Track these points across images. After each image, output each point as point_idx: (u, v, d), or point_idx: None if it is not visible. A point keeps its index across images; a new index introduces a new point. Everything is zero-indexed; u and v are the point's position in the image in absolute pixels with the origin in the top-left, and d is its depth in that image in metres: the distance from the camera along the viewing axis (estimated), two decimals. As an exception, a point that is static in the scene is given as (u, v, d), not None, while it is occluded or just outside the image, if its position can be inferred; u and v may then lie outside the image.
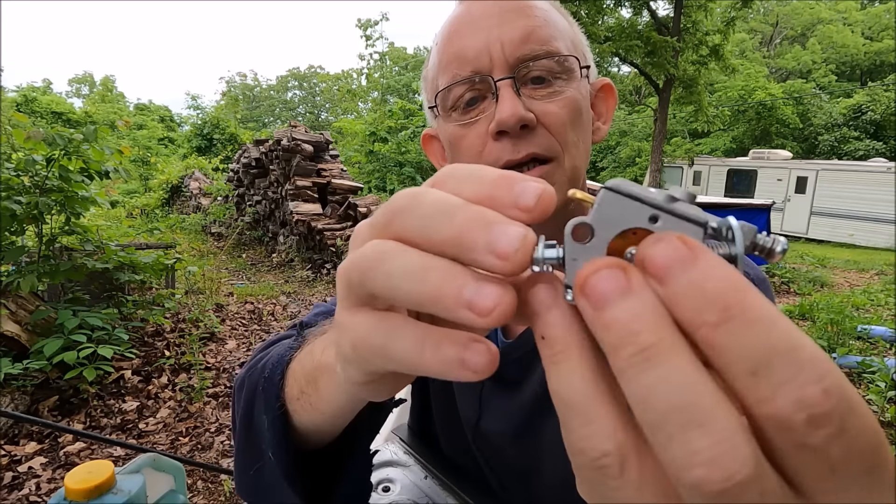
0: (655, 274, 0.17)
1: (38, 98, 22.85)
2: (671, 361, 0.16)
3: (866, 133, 19.42)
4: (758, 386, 0.15)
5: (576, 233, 0.19)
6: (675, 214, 0.18)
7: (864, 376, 3.66)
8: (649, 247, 0.17)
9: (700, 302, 0.16)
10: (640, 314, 0.17)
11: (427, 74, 0.66)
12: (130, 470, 0.65)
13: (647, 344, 0.16)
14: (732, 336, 0.15)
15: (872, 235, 12.12)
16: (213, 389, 3.33)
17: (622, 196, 0.18)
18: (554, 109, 0.57)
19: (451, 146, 0.63)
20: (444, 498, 0.72)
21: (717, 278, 0.16)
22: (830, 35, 28.50)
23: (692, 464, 0.15)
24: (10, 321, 2.97)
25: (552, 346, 0.19)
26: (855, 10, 31.12)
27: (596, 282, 0.17)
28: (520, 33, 0.57)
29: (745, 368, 0.15)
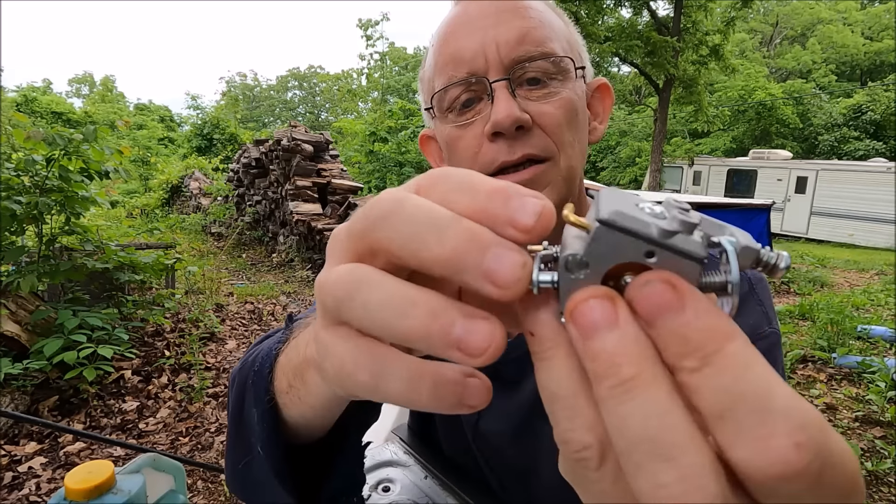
0: (643, 316, 0.17)
1: (38, 98, 22.85)
2: (647, 394, 0.16)
3: (866, 133, 19.43)
4: (725, 430, 0.16)
5: (570, 266, 0.19)
6: (672, 250, 0.18)
7: (864, 376, 3.66)
8: (638, 289, 0.18)
9: (682, 348, 0.17)
10: (623, 347, 0.17)
11: (423, 75, 0.67)
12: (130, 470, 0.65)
13: (627, 376, 0.17)
14: (706, 381, 0.16)
15: (872, 235, 12.12)
16: (213, 389, 3.33)
17: (616, 232, 0.18)
18: (549, 110, 0.57)
19: (448, 147, 0.63)
20: (444, 498, 0.72)
21: (699, 328, 0.17)
22: (830, 35, 28.50)
23: (657, 496, 0.16)
24: (10, 321, 2.97)
25: (541, 342, 0.20)
26: (855, 10, 31.12)
27: (585, 311, 0.18)
28: (515, 34, 0.57)
29: (714, 412, 0.16)
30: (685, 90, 13.63)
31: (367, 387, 0.23)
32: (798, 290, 6.74)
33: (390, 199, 0.21)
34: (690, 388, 0.16)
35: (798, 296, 6.41)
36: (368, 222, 0.22)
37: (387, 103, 19.47)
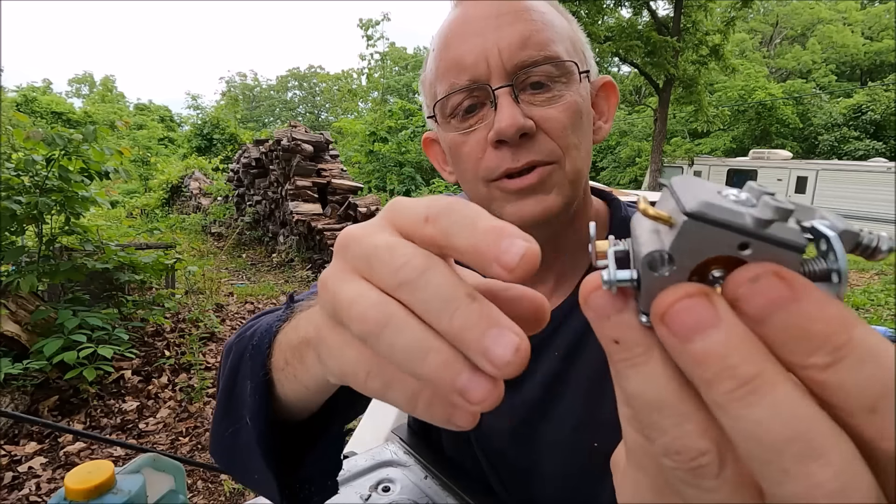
0: (752, 316, 0.16)
1: (38, 98, 22.85)
2: (778, 393, 0.15)
3: (866, 133, 19.43)
4: (879, 423, 0.15)
5: (654, 264, 0.17)
6: (771, 241, 0.16)
7: (864, 376, 3.66)
8: (743, 286, 0.16)
9: (806, 345, 0.15)
10: (734, 346, 0.15)
11: (425, 79, 0.66)
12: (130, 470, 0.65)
13: (748, 376, 0.15)
14: (845, 375, 0.15)
15: (872, 235, 12.12)
16: (213, 389, 3.33)
17: (707, 225, 0.16)
18: (554, 114, 0.56)
19: (452, 153, 0.63)
20: (444, 498, 0.72)
21: (823, 319, 0.15)
22: (830, 35, 28.50)
23: (813, 497, 0.14)
24: (10, 321, 2.97)
25: (630, 348, 0.18)
26: (855, 10, 31.13)
27: (679, 312, 0.16)
28: (517, 38, 0.56)
29: (863, 406, 0.15)
30: (685, 90, 13.63)
31: (375, 392, 0.26)
32: (798, 290, 6.74)
33: (414, 263, 0.22)
34: (825, 385, 0.15)
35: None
36: (389, 271, 0.23)
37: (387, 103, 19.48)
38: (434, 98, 0.62)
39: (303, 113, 48.83)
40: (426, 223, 0.23)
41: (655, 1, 13.96)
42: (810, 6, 31.23)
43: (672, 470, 0.17)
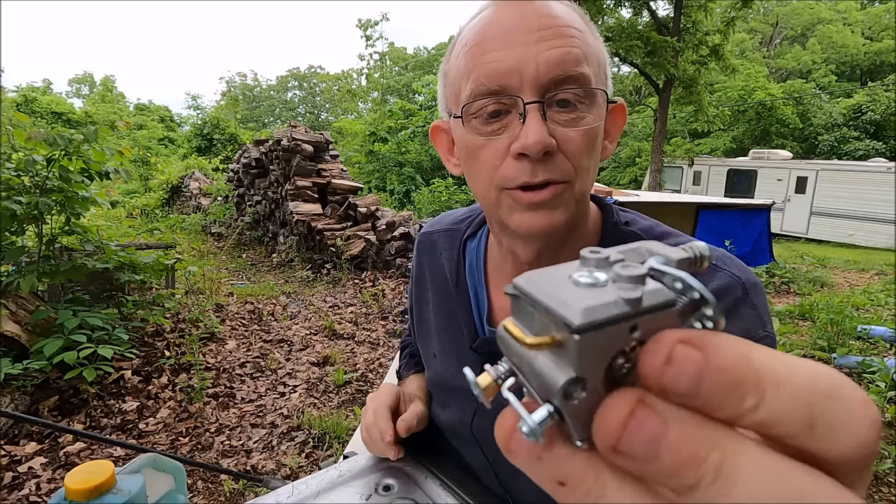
0: (683, 394, 0.15)
1: (38, 98, 22.85)
2: (749, 461, 0.14)
3: (866, 133, 19.43)
4: (817, 434, 0.15)
5: (569, 393, 0.16)
6: (652, 311, 0.16)
7: (864, 376, 3.66)
8: (662, 373, 0.15)
9: (734, 397, 0.15)
10: (691, 440, 0.15)
11: (448, 70, 0.65)
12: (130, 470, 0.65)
13: (718, 462, 0.14)
14: (775, 408, 0.15)
15: (872, 235, 12.11)
16: (213, 389, 3.33)
17: (599, 330, 0.15)
18: (575, 137, 0.57)
19: (468, 152, 0.63)
20: (444, 498, 0.72)
21: (734, 364, 0.15)
22: (830, 35, 28.50)
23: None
24: (10, 321, 2.97)
25: (580, 483, 0.16)
26: (855, 10, 31.12)
27: (632, 435, 0.15)
28: (557, 55, 0.56)
29: (802, 426, 0.15)
30: (685, 90, 13.63)
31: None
32: (798, 290, 6.74)
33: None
34: (763, 423, 0.15)
35: (798, 296, 6.41)
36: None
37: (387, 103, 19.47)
38: (457, 92, 0.62)
39: (303, 113, 48.82)
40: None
41: (655, 1, 13.96)
42: (810, 6, 31.22)
43: None
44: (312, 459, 2.68)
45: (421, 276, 0.87)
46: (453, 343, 0.78)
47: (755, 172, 14.35)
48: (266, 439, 2.86)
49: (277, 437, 2.88)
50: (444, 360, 0.80)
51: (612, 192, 6.10)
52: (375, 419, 0.78)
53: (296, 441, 2.84)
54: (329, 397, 3.39)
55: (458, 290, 0.78)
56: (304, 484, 0.74)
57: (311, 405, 3.25)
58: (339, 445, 2.77)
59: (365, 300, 5.45)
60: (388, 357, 4.04)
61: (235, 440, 2.83)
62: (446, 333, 0.80)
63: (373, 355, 4.09)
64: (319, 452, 2.74)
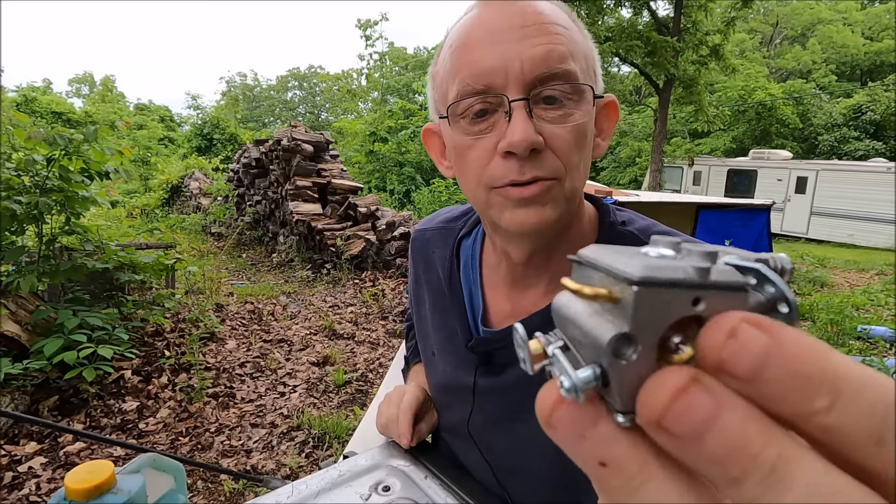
0: (743, 377, 0.14)
1: (38, 98, 22.85)
2: (805, 470, 0.13)
3: (866, 133, 19.42)
4: (887, 453, 0.13)
5: (618, 351, 0.15)
6: (720, 287, 0.15)
7: (864, 376, 3.66)
8: (724, 347, 0.14)
9: (805, 392, 0.14)
10: (745, 431, 0.14)
11: (436, 73, 0.66)
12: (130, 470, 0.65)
13: (772, 462, 0.13)
14: (848, 414, 0.13)
15: (872, 235, 12.11)
16: (213, 389, 3.33)
17: (660, 288, 0.15)
18: (562, 134, 0.57)
19: (457, 153, 0.63)
20: (444, 498, 0.72)
21: (809, 358, 0.14)
22: (830, 35, 28.49)
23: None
24: (10, 321, 2.97)
25: (623, 468, 0.15)
26: (855, 10, 31.12)
27: (680, 412, 0.14)
28: (541, 52, 0.56)
29: (870, 440, 0.13)
30: (685, 90, 13.63)
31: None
32: (798, 290, 6.74)
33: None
34: (831, 429, 0.14)
35: (798, 296, 6.41)
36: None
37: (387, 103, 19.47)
38: (445, 94, 0.62)
39: (303, 113, 48.82)
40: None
41: (655, 1, 13.96)
42: (810, 6, 31.21)
43: None
44: (312, 459, 2.68)
45: (416, 274, 0.87)
46: (449, 342, 0.78)
47: (755, 172, 14.35)
48: (266, 439, 2.86)
49: (277, 437, 2.88)
50: (441, 358, 0.81)
51: (612, 192, 6.10)
52: (399, 417, 0.82)
53: (296, 441, 2.84)
54: (329, 397, 3.39)
55: (452, 289, 0.78)
56: (304, 484, 0.74)
57: (311, 405, 3.25)
58: (339, 445, 2.77)
59: (365, 300, 5.45)
60: (389, 357, 4.04)
61: (235, 440, 2.83)
62: (443, 332, 0.80)
63: (373, 355, 4.09)
64: (319, 452, 2.74)
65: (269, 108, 48.84)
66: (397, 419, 0.81)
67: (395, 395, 0.87)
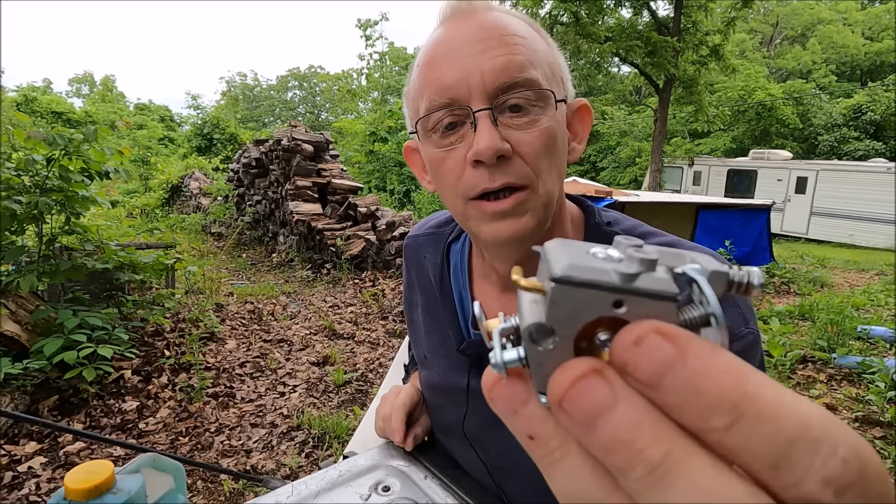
0: (643, 382, 0.15)
1: (38, 98, 22.85)
2: (691, 470, 0.14)
3: (866, 133, 19.42)
4: (782, 477, 0.14)
5: (534, 337, 0.16)
6: (640, 294, 0.16)
7: (864, 376, 3.66)
8: (627, 350, 0.15)
9: (703, 407, 0.14)
10: (638, 427, 0.14)
11: (408, 92, 0.68)
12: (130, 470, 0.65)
13: (657, 459, 0.14)
14: (746, 437, 0.14)
15: (872, 236, 12.11)
16: (213, 389, 3.33)
17: (577, 288, 0.16)
18: (529, 140, 0.58)
19: (432, 167, 0.65)
20: (444, 498, 0.72)
21: (713, 376, 0.14)
22: (830, 35, 28.49)
23: None
24: (10, 321, 2.97)
25: (546, 442, 0.17)
26: (855, 10, 31.11)
27: (576, 396, 0.15)
28: (500, 63, 0.57)
29: (767, 464, 0.14)
30: (685, 90, 13.63)
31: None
32: (798, 290, 6.74)
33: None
34: (729, 448, 0.14)
35: (798, 296, 6.41)
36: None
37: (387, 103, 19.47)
38: (417, 112, 0.64)
39: (303, 113, 48.81)
40: None
41: (655, 1, 13.96)
42: (810, 6, 31.21)
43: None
44: (312, 459, 2.68)
45: (409, 279, 0.89)
46: (442, 346, 0.79)
47: (755, 172, 14.35)
48: (266, 439, 2.86)
49: (277, 436, 2.88)
50: (434, 361, 0.81)
51: (612, 193, 6.10)
52: (393, 417, 0.82)
53: (296, 441, 2.84)
54: (329, 397, 3.39)
55: (443, 293, 0.79)
56: (304, 484, 0.74)
57: (311, 405, 3.25)
58: (339, 445, 2.77)
59: (365, 300, 5.45)
60: (388, 357, 4.04)
61: (235, 440, 2.83)
62: (435, 336, 0.81)
63: (373, 355, 4.09)
64: (319, 452, 2.74)
65: (269, 108, 48.84)
66: (390, 417, 0.82)
67: (391, 394, 0.87)
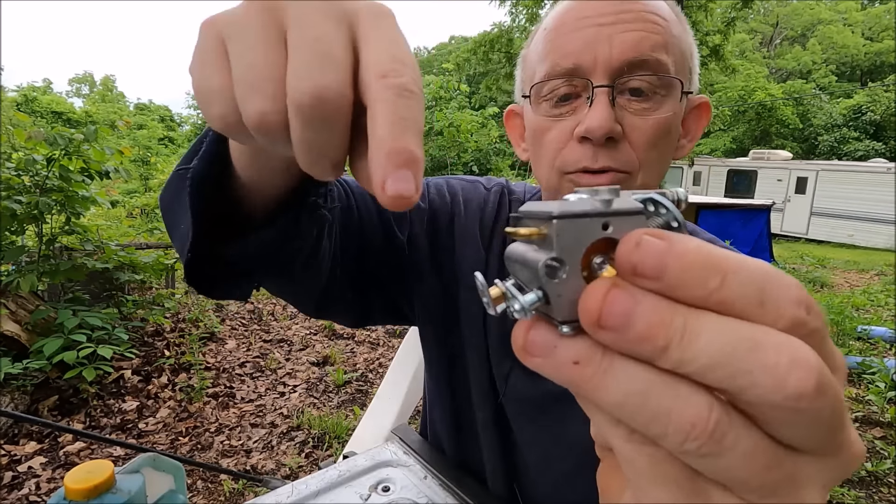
0: (651, 274, 0.17)
1: (38, 98, 22.87)
2: (709, 325, 0.17)
3: (866, 133, 19.44)
4: (768, 311, 0.17)
5: (549, 271, 0.19)
6: (621, 213, 0.19)
7: (864, 377, 3.66)
8: (633, 254, 0.18)
9: (700, 276, 0.17)
10: (658, 311, 0.17)
11: (527, 55, 0.65)
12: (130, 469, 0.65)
13: (681, 325, 0.17)
14: (735, 288, 0.17)
15: (872, 236, 12.12)
16: (212, 389, 3.33)
17: (573, 219, 0.19)
18: (643, 127, 0.56)
19: (534, 135, 0.62)
20: (444, 498, 0.72)
21: (696, 250, 0.17)
22: (830, 35, 28.51)
23: (782, 377, 0.16)
24: (10, 321, 2.97)
25: (591, 357, 0.18)
26: (855, 10, 31.13)
27: (611, 308, 0.17)
28: (631, 40, 0.54)
29: (755, 304, 0.17)
30: (685, 90, 13.63)
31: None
32: (798, 290, 6.74)
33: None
34: (724, 301, 0.17)
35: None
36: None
37: (387, 103, 19.41)
38: (531, 76, 0.62)
39: (303, 113, 48.72)
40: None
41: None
42: (810, 7, 31.23)
43: (696, 454, 0.17)
44: (312, 459, 2.68)
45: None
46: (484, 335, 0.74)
47: (755, 173, 14.36)
48: (266, 439, 2.86)
49: (277, 436, 2.88)
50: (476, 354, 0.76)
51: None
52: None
53: (295, 441, 2.84)
54: (329, 397, 3.39)
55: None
56: (304, 484, 0.74)
57: (311, 405, 3.25)
58: (339, 445, 2.77)
59: (365, 300, 5.44)
60: (388, 357, 4.04)
61: (235, 440, 2.83)
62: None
63: (373, 355, 4.09)
64: (319, 452, 2.74)
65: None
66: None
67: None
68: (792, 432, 0.17)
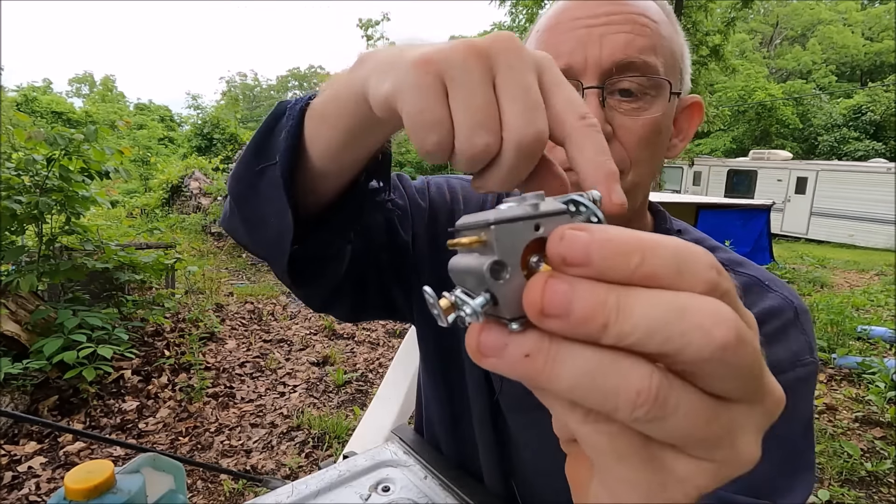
0: (579, 261, 0.19)
1: (38, 98, 22.85)
2: (640, 297, 0.18)
3: (866, 133, 19.44)
4: (686, 279, 0.19)
5: (494, 272, 0.20)
6: (548, 215, 0.21)
7: (863, 377, 3.66)
8: (559, 245, 0.20)
9: (622, 257, 0.19)
10: (593, 294, 0.19)
11: None
12: (130, 469, 0.65)
13: (614, 303, 0.18)
14: (654, 263, 0.19)
15: (872, 236, 12.12)
16: (213, 389, 3.33)
17: (509, 223, 0.21)
18: (633, 127, 0.57)
19: None
20: (444, 498, 0.72)
21: (616, 235, 0.19)
22: (830, 35, 28.50)
23: (711, 334, 0.18)
24: (10, 321, 2.97)
25: (540, 348, 0.20)
26: (855, 10, 31.12)
27: (552, 297, 0.19)
28: (622, 40, 0.55)
29: (673, 273, 0.19)
30: (685, 90, 13.62)
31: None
32: (798, 290, 6.73)
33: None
34: (648, 274, 0.19)
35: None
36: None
37: (387, 103, 19.43)
38: None
39: (303, 113, 48.70)
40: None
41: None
42: (810, 7, 31.22)
43: (645, 420, 0.18)
44: (312, 459, 2.68)
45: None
46: None
47: (755, 173, 14.35)
48: (266, 439, 2.86)
49: (277, 436, 2.88)
50: None
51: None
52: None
53: (295, 441, 2.84)
54: (329, 397, 3.39)
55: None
56: (304, 484, 0.74)
57: (311, 405, 3.25)
58: (339, 445, 2.77)
59: (365, 300, 5.44)
60: (388, 357, 4.04)
61: (235, 440, 2.83)
62: None
63: (373, 355, 4.09)
64: (319, 452, 2.74)
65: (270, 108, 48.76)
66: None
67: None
68: (723, 384, 0.19)
